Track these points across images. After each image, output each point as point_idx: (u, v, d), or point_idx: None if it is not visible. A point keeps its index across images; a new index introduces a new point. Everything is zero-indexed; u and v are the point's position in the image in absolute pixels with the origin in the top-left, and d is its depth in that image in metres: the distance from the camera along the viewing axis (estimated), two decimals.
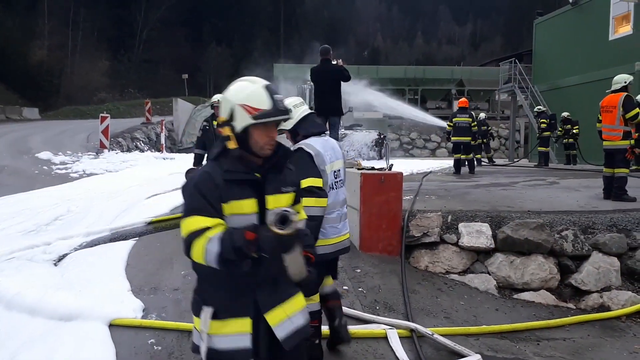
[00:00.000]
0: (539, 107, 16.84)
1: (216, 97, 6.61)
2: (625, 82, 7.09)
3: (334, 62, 8.32)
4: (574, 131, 15.18)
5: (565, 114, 15.63)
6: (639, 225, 5.43)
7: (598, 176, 11.07)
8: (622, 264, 5.11)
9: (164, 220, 7.00)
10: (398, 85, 31.95)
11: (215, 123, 6.45)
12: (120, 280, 4.82)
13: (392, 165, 7.93)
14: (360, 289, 4.60)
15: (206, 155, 6.55)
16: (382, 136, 16.99)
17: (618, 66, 15.28)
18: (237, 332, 1.99)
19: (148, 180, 10.18)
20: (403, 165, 11.77)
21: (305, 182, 3.07)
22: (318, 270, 2.63)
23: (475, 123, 12.30)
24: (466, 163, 11.93)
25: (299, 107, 3.41)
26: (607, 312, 4.68)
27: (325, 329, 3.57)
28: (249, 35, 49.08)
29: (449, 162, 16.56)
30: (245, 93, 1.99)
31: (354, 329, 3.79)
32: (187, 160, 9.93)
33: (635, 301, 4.82)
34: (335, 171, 3.40)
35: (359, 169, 6.16)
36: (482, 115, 18.07)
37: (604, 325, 4.50)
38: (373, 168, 6.30)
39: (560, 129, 15.79)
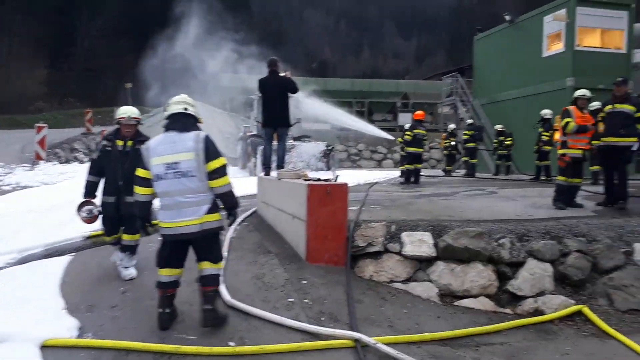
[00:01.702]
0: (470, 119, 17.59)
1: (126, 112, 5.24)
2: (574, 96, 7.59)
3: (282, 74, 8.36)
4: (507, 143, 15.95)
5: (498, 126, 16.47)
6: (569, 232, 5.73)
7: (535, 186, 11.65)
8: (555, 269, 5.35)
9: (103, 234, 6.73)
10: (346, 98, 32.37)
11: (120, 143, 5.20)
12: (54, 299, 4.61)
13: (338, 176, 8.03)
14: (305, 301, 4.59)
15: (103, 183, 5.29)
16: (329, 147, 17.13)
17: (551, 82, 16.20)
18: None
19: None
20: (350, 176, 11.92)
21: None
22: (170, 247, 4.01)
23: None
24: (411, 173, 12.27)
25: (172, 105, 4.06)
26: (541, 316, 4.89)
27: None
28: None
29: (394, 173, 16.91)
30: None
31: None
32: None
33: (567, 305, 5.06)
34: (168, 163, 3.86)
35: (305, 180, 6.19)
36: (452, 126, 18.57)
37: (539, 328, 4.70)
38: (319, 179, 6.34)
39: (495, 140, 16.58)
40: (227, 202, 4.04)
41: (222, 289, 4.62)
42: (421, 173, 12.73)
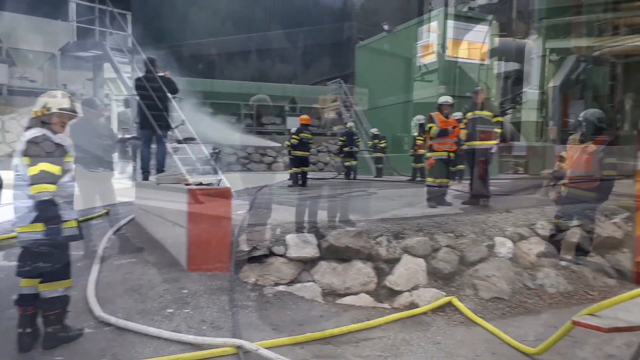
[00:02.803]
0: (350, 124, 18.29)
1: None
2: (438, 102, 8.21)
3: (161, 74, 8.01)
4: (381, 145, 16.85)
5: (373, 130, 17.34)
6: (440, 228, 6.17)
7: (411, 186, 12.40)
8: (427, 264, 5.73)
9: None
10: (234, 100, 31.96)
11: None
12: None
13: (221, 180, 7.86)
14: (186, 311, 4.43)
15: None
16: (216, 150, 16.75)
17: (424, 89, 17.38)
18: None
19: None
20: (239, 180, 11.78)
21: None
22: (24, 254, 3.70)
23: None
24: (299, 176, 12.45)
25: None
26: (415, 309, 5.20)
27: None
28: None
29: (283, 176, 17.02)
30: None
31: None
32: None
33: (439, 297, 5.42)
34: (15, 165, 3.73)
35: (186, 185, 5.98)
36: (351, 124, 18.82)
37: (414, 321, 4.98)
38: (201, 183, 6.17)
39: (369, 142, 17.46)
40: (38, 213, 3.61)
41: (93, 302, 4.31)
42: (308, 176, 12.94)
